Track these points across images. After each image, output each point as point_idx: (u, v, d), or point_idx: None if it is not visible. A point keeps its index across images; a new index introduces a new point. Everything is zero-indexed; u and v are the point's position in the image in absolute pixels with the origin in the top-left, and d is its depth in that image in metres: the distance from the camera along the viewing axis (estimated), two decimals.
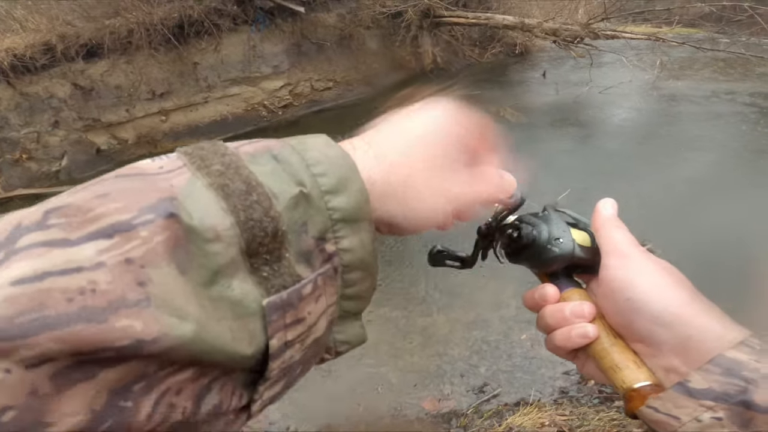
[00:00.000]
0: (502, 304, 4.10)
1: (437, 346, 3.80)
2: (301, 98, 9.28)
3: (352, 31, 9.87)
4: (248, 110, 8.66)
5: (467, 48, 11.41)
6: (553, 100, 8.66)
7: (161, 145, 7.93)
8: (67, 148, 7.14)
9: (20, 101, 6.63)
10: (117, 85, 7.11)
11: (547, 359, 3.54)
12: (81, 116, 7.11)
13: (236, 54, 8.13)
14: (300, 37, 9.14)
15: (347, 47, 9.92)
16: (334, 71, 9.73)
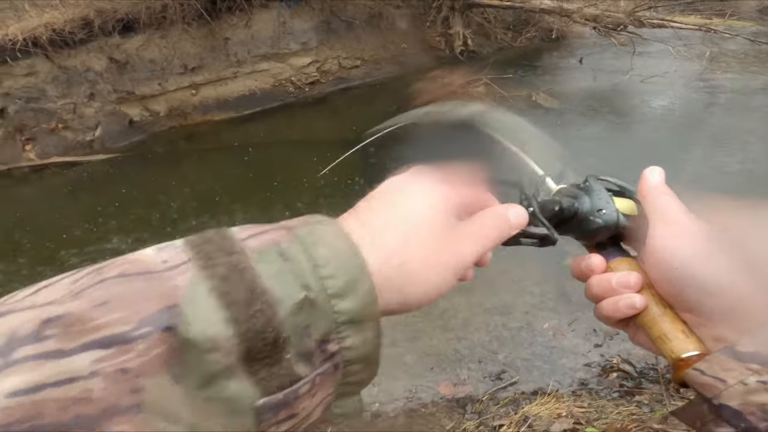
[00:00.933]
0: (525, 291, 4.04)
1: (456, 330, 3.79)
2: (328, 75, 9.26)
3: (381, 9, 9.72)
4: (276, 86, 8.70)
5: (500, 31, 11.08)
6: (590, 87, 8.36)
7: (191, 117, 8.10)
8: (101, 118, 7.37)
9: (58, 74, 6.86)
10: (151, 59, 7.26)
11: (568, 350, 3.49)
12: (116, 89, 7.31)
13: (266, 30, 8.15)
14: (329, 14, 9.06)
15: (376, 26, 9.79)
16: (362, 49, 9.65)
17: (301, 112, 8.34)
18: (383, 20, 9.79)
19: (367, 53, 9.75)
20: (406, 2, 9.84)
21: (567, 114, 7.13)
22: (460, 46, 10.22)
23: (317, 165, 6.07)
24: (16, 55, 6.39)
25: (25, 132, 6.92)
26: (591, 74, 8.83)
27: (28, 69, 6.64)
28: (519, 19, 11.12)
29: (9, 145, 6.97)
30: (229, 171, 6.48)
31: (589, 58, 9.67)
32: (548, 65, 9.75)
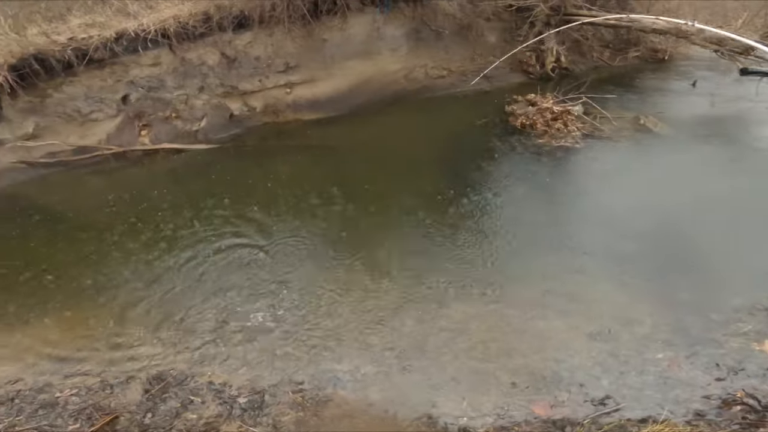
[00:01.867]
0: (634, 321, 3.80)
1: (554, 352, 3.59)
2: (414, 83, 9.40)
3: (471, 21, 9.74)
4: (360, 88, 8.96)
5: (597, 49, 10.61)
6: (706, 113, 7.65)
7: (283, 115, 8.59)
8: (207, 110, 8.07)
9: (177, 66, 7.65)
10: (256, 56, 7.86)
11: (685, 381, 3.19)
12: (223, 83, 7.98)
13: (360, 34, 8.49)
14: (420, 23, 9.25)
15: (465, 37, 9.81)
16: (449, 60, 9.70)
17: (384, 119, 8.49)
18: (472, 32, 9.80)
19: (454, 64, 9.77)
20: (497, 16, 9.77)
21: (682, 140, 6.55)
22: (552, 63, 9.91)
23: (393, 174, 6.23)
24: (146, 45, 7.23)
25: (143, 118, 7.76)
26: (707, 99, 8.10)
27: (154, 59, 7.47)
28: (619, 38, 10.59)
29: (128, 129, 7.84)
30: (311, 168, 6.74)
31: (704, 81, 8.91)
32: (653, 87, 9.10)
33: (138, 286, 4.68)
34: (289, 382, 3.52)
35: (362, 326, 3.94)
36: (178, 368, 3.73)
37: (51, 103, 7.21)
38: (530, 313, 3.95)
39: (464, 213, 5.34)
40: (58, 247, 5.46)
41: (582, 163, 6.11)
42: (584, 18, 9.13)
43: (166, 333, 4.09)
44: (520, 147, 6.74)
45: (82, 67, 7.05)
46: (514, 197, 5.52)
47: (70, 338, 4.12)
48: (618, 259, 4.44)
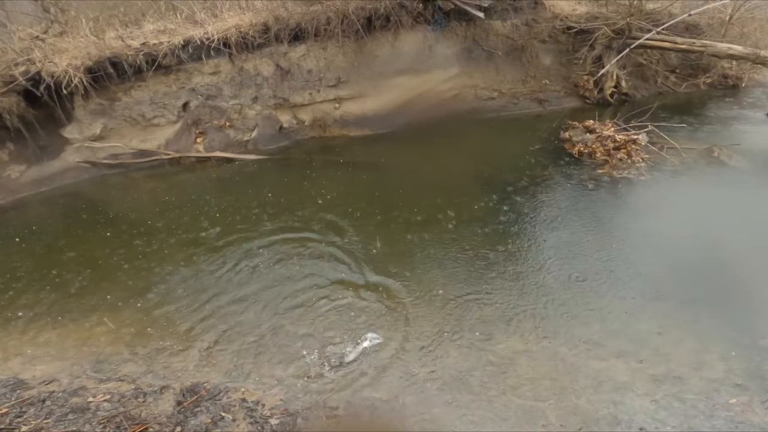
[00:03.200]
0: (704, 364, 3.50)
1: (612, 393, 3.31)
2: (464, 104, 9.32)
3: (525, 42, 9.57)
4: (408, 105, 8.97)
5: (662, 74, 10.14)
6: None
7: (330, 130, 8.76)
8: (259, 121, 8.36)
9: (234, 75, 8.01)
10: (309, 69, 8.10)
11: (759, 426, 2.87)
12: (275, 94, 8.27)
13: (411, 51, 8.56)
14: (472, 42, 9.20)
15: (518, 59, 9.64)
16: (500, 82, 9.55)
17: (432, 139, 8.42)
18: (525, 54, 9.62)
19: (505, 86, 9.62)
20: (553, 38, 9.57)
21: (760, 175, 6.03)
22: (612, 88, 9.53)
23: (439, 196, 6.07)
24: (209, 53, 7.64)
25: (199, 126, 8.16)
26: None
27: (214, 68, 7.88)
28: (687, 63, 10.07)
29: (185, 136, 8.25)
30: (356, 186, 6.76)
31: None
32: (724, 117, 8.52)
33: (183, 294, 4.77)
34: (323, 407, 3.42)
35: (401, 352, 3.81)
36: (212, 381, 3.71)
37: (119, 106, 7.72)
38: (585, 352, 3.67)
39: (516, 243, 5.12)
40: (112, 249, 5.71)
41: (648, 197, 5.72)
42: (651, 41, 8.75)
43: (207, 344, 4.11)
44: (577, 176, 6.43)
45: (150, 73, 7.53)
46: (571, 230, 5.24)
47: (111, 341, 4.21)
48: (684, 301, 4.09)
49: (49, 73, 6.76)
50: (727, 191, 5.77)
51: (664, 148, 6.78)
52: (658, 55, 9.84)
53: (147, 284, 4.97)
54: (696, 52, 8.36)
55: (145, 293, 4.83)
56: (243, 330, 4.21)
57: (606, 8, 9.00)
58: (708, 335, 3.73)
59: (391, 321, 4.13)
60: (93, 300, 4.79)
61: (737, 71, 10.00)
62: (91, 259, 5.50)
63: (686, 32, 9.09)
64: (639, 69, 9.92)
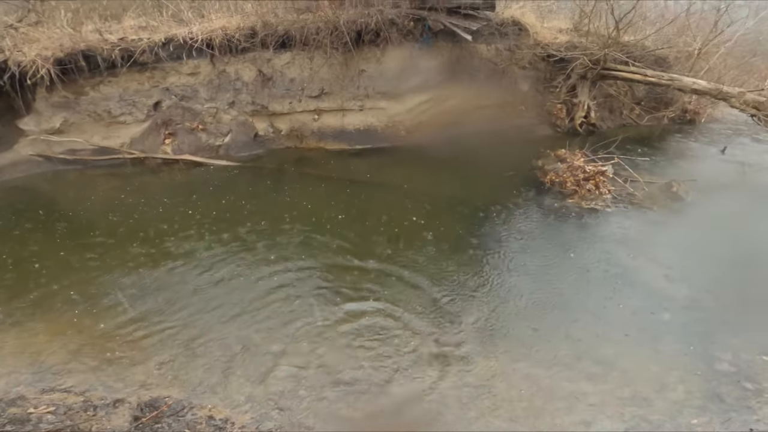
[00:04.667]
0: (667, 387, 3.78)
1: (584, 414, 3.49)
2: (441, 125, 9.58)
3: (506, 67, 10.02)
4: (390, 126, 9.15)
5: (628, 106, 10.88)
6: (737, 182, 7.71)
7: (306, 141, 8.75)
8: (233, 127, 8.25)
9: (213, 78, 7.90)
10: (292, 78, 8.11)
11: None
12: (254, 101, 8.21)
13: (395, 68, 8.73)
14: (455, 63, 9.49)
15: (497, 83, 10.05)
16: (479, 105, 9.91)
17: (407, 157, 8.56)
18: (505, 78, 10.02)
19: (483, 110, 9.97)
20: (533, 64, 10.07)
21: (714, 213, 6.51)
22: (582, 118, 10.10)
23: (412, 215, 6.15)
24: (191, 53, 7.49)
25: (169, 127, 7.95)
26: (737, 168, 8.20)
27: (193, 69, 7.73)
28: (651, 96, 10.85)
29: (153, 136, 8.01)
30: (327, 200, 6.76)
31: (733, 148, 9.04)
32: (683, 151, 9.23)
33: (137, 302, 4.59)
34: (297, 426, 3.38)
35: (378, 373, 3.84)
36: (174, 396, 3.56)
37: (85, 101, 7.41)
38: (560, 375, 3.86)
39: (485, 266, 5.30)
40: (61, 250, 5.42)
41: (613, 230, 6.08)
42: (623, 73, 9.37)
43: (167, 356, 3.96)
44: (548, 206, 6.71)
45: (124, 69, 7.30)
46: (541, 258, 5.47)
47: (55, 349, 3.98)
48: (644, 328, 4.38)
49: (16, 62, 6.45)
50: (683, 226, 6.22)
51: (628, 181, 7.25)
52: (626, 87, 10.55)
53: (97, 290, 4.75)
54: (663, 85, 9.01)
55: (95, 299, 4.61)
56: (208, 343, 4.09)
57: (586, 38, 9.54)
58: (668, 360, 4.01)
59: (362, 343, 4.15)
60: (36, 304, 4.52)
61: (695, 106, 10.80)
62: (37, 260, 5.19)
63: (655, 65, 9.72)
64: (607, 100, 10.59)
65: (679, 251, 5.57)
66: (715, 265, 5.26)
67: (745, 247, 5.67)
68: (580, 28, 10.00)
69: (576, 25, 10.18)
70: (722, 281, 5.00)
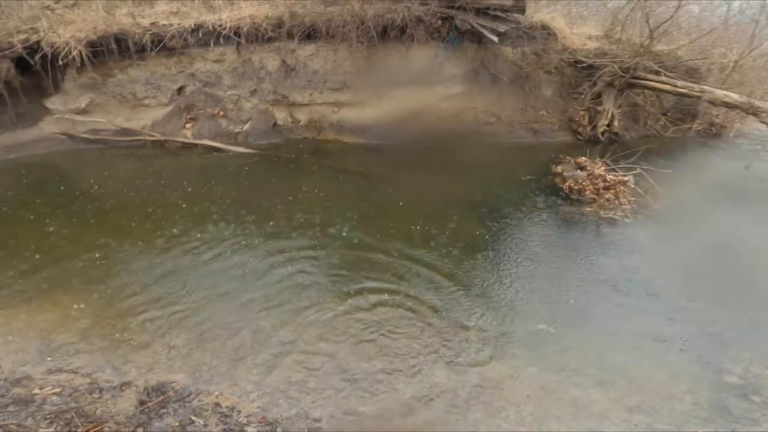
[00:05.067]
0: (674, 397, 3.76)
1: (589, 421, 3.48)
2: (461, 125, 9.49)
3: (531, 71, 9.91)
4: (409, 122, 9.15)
5: (653, 117, 10.69)
6: (759, 198, 7.54)
7: (324, 133, 8.81)
8: (253, 115, 8.34)
9: (238, 66, 7.99)
10: (315, 69, 8.16)
11: None
12: (275, 90, 8.28)
13: (419, 66, 8.72)
14: (480, 65, 9.44)
15: (521, 87, 9.94)
16: (501, 107, 9.80)
17: (425, 157, 8.57)
18: (529, 82, 9.93)
19: (504, 113, 9.86)
20: (558, 69, 9.94)
21: (737, 234, 6.29)
22: (604, 126, 9.94)
23: (428, 215, 6.15)
24: (218, 40, 7.59)
25: (191, 112, 8.07)
26: (761, 186, 8.02)
27: (219, 56, 7.83)
28: (678, 108, 10.64)
29: (174, 120, 8.14)
30: (343, 192, 6.79)
31: (759, 163, 8.77)
32: (707, 165, 9.06)
33: (150, 284, 4.63)
34: (305, 417, 3.41)
35: (389, 369, 3.86)
36: (181, 382, 3.57)
37: (112, 82, 7.56)
38: (568, 380, 3.84)
39: (499, 268, 5.28)
40: (77, 227, 5.52)
41: (630, 241, 5.99)
42: (653, 83, 9.19)
43: (177, 341, 3.97)
44: (565, 212, 6.65)
45: (153, 53, 7.43)
46: (556, 264, 5.44)
47: (65, 328, 3.98)
48: (656, 337, 4.36)
49: (50, 43, 6.62)
50: (700, 242, 6.11)
51: (649, 193, 7.15)
52: (654, 96, 10.35)
53: (110, 270, 4.78)
54: (694, 96, 8.80)
55: (107, 279, 4.63)
56: (219, 329, 4.12)
57: (617, 45, 9.38)
58: (677, 370, 4.00)
59: (371, 338, 4.19)
60: (48, 280, 4.54)
61: (723, 120, 10.57)
62: (52, 235, 5.27)
63: (686, 75, 9.53)
64: (633, 110, 10.40)
65: (695, 264, 5.50)
66: (728, 279, 5.19)
67: (760, 263, 5.58)
68: (612, 35, 9.82)
69: (607, 32, 10.01)
70: (735, 295, 4.94)
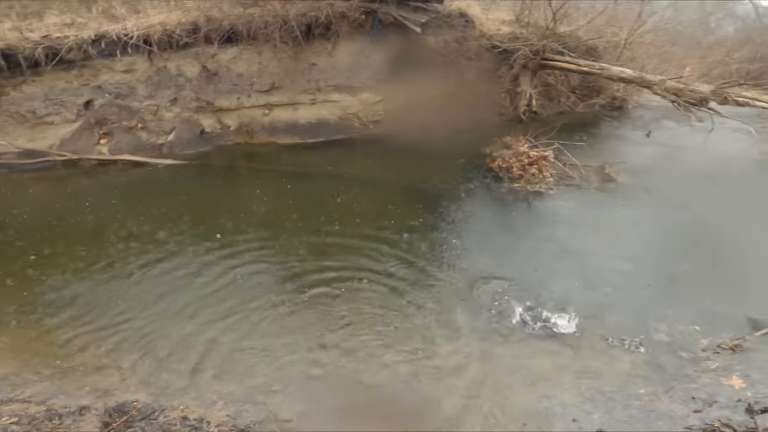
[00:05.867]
0: (615, 358, 4.11)
1: (545, 389, 3.79)
2: (393, 116, 9.79)
3: (454, 59, 10.39)
4: (343, 119, 9.21)
5: (564, 95, 11.70)
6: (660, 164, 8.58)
7: (257, 136, 8.59)
8: (177, 124, 7.93)
9: (152, 75, 7.52)
10: (239, 73, 7.90)
11: (666, 414, 3.51)
12: (198, 97, 7.91)
13: (346, 61, 8.76)
14: (405, 56, 9.72)
15: (445, 74, 10.34)
16: (429, 96, 10.18)
17: (362, 149, 8.73)
18: (453, 70, 10.38)
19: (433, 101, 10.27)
20: (478, 56, 10.48)
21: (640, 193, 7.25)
22: (524, 106, 10.74)
23: (370, 206, 6.37)
24: (125, 50, 7.07)
25: (104, 126, 7.48)
26: (661, 150, 9.12)
27: (128, 66, 7.29)
28: (585, 85, 11.72)
29: (86, 136, 7.51)
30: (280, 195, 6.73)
31: (657, 132, 10.01)
32: (614, 135, 10.10)
33: (85, 308, 4.44)
34: (275, 419, 3.42)
35: (352, 363, 3.94)
36: (142, 400, 3.50)
37: (6, 101, 6.81)
38: (520, 352, 4.12)
39: (441, 249, 5.56)
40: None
41: (556, 211, 6.59)
42: (560, 63, 10.05)
43: (127, 360, 3.88)
44: (497, 190, 7.17)
45: (49, 67, 6.79)
46: (492, 239, 5.83)
47: (6, 359, 3.83)
48: (591, 301, 4.77)
49: None
50: (616, 207, 6.84)
51: (567, 165, 7.90)
52: (563, 76, 11.32)
53: (41, 298, 4.54)
54: (595, 74, 9.76)
55: (40, 308, 4.41)
56: (170, 344, 4.05)
57: (526, 29, 10.07)
58: (613, 332, 4.37)
59: (334, 332, 4.28)
60: None
61: (623, 94, 11.82)
62: None
63: (587, 55, 10.41)
64: (546, 89, 11.31)
65: (615, 228, 6.18)
66: (647, 240, 5.86)
67: (672, 222, 6.38)
68: (522, 20, 10.57)
69: (518, 17, 10.73)
70: (654, 255, 5.53)
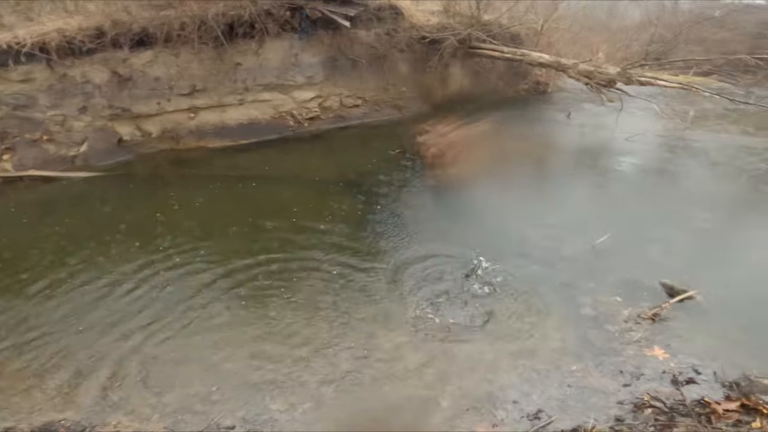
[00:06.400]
0: (546, 336, 4.27)
1: (485, 372, 3.90)
2: (328, 112, 9.67)
3: (386, 51, 10.43)
4: (276, 118, 8.98)
5: (492, 80, 12.19)
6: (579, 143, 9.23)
7: (184, 142, 8.13)
8: (89, 134, 7.30)
9: (54, 83, 6.83)
10: (156, 77, 7.39)
11: (599, 389, 3.69)
12: (111, 104, 7.31)
13: (275, 60, 8.52)
14: (337, 51, 9.61)
15: (379, 67, 10.38)
16: (364, 89, 10.18)
17: (297, 147, 8.56)
18: (386, 62, 10.42)
19: (368, 94, 10.27)
20: (410, 47, 10.62)
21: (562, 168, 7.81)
22: (456, 93, 11.12)
23: (308, 203, 6.31)
24: (18, 59, 6.37)
25: (5, 141, 6.73)
26: (578, 130, 9.84)
27: (25, 75, 6.57)
28: (511, 71, 12.29)
29: None
30: (216, 201, 6.52)
31: (576, 113, 10.73)
32: (537, 117, 10.72)
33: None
34: (217, 428, 3.33)
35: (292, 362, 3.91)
36: (71, 418, 3.34)
37: None
38: (456, 337, 4.24)
39: (381, 242, 5.61)
40: None
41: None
42: (485, 51, 10.45)
43: (51, 381, 3.67)
44: (432, 180, 7.25)
45: None
46: (429, 227, 5.94)
47: None
48: (520, 280, 4.97)
49: None
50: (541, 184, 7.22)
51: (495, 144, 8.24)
52: (490, 63, 11.78)
53: None
54: (517, 60, 10.26)
55: None
56: (96, 361, 3.87)
57: (453, 19, 10.32)
58: (541, 310, 4.53)
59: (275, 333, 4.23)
60: None
61: (545, 78, 12.58)
62: None
63: (511, 42, 10.91)
64: (476, 76, 11.73)
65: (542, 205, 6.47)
66: (570, 215, 6.19)
67: (590, 197, 6.83)
68: (449, 9, 10.82)
69: (445, 7, 10.97)
70: (575, 229, 5.83)
